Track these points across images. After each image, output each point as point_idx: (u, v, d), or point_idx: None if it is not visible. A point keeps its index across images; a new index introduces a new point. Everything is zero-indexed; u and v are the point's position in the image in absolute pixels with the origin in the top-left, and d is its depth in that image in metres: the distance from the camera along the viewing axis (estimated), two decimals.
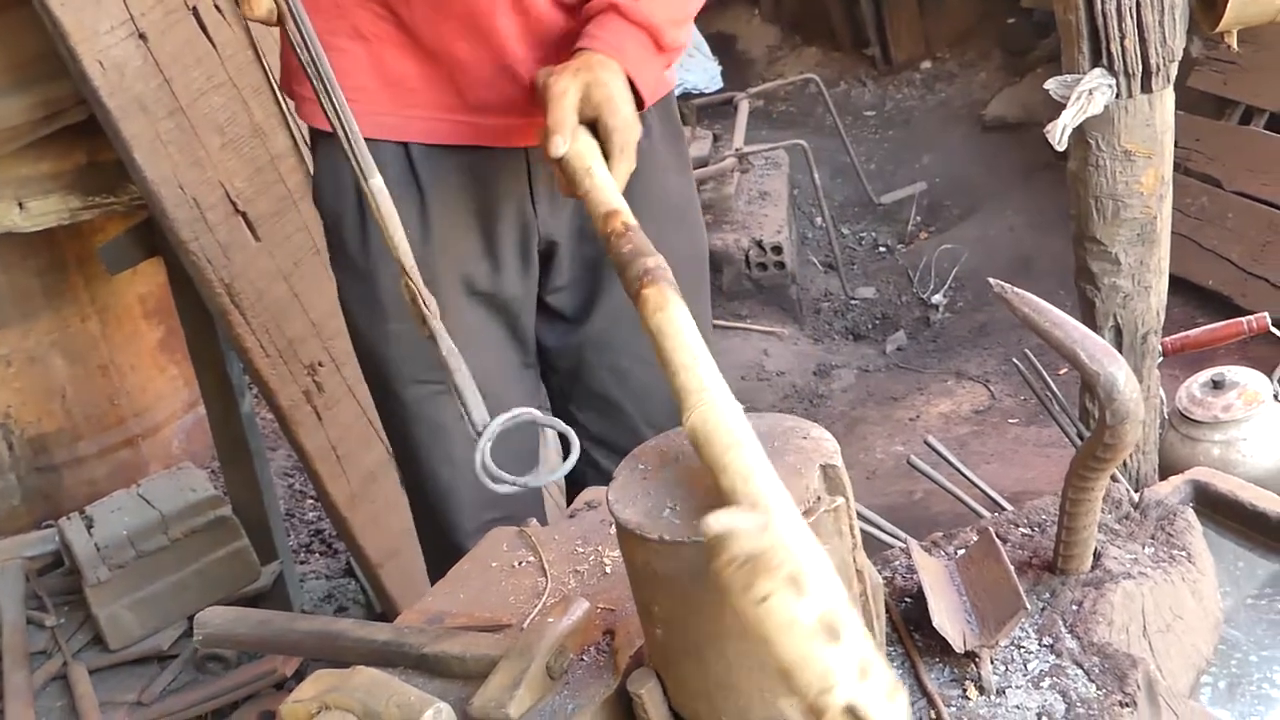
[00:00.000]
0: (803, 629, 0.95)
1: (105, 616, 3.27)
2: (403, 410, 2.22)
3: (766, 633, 0.96)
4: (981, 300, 5.48)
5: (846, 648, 0.97)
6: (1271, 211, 4.63)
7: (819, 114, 7.22)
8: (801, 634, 0.95)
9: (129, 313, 4.10)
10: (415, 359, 2.13)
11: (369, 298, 2.14)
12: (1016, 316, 1.48)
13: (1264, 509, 2.49)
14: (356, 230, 2.10)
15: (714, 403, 1.29)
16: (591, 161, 1.78)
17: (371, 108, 1.99)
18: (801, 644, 0.95)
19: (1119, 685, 1.46)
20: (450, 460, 2.22)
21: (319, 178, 2.16)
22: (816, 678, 0.95)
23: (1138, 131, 2.55)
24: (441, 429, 2.19)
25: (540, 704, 1.44)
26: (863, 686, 0.96)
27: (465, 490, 2.23)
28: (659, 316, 1.43)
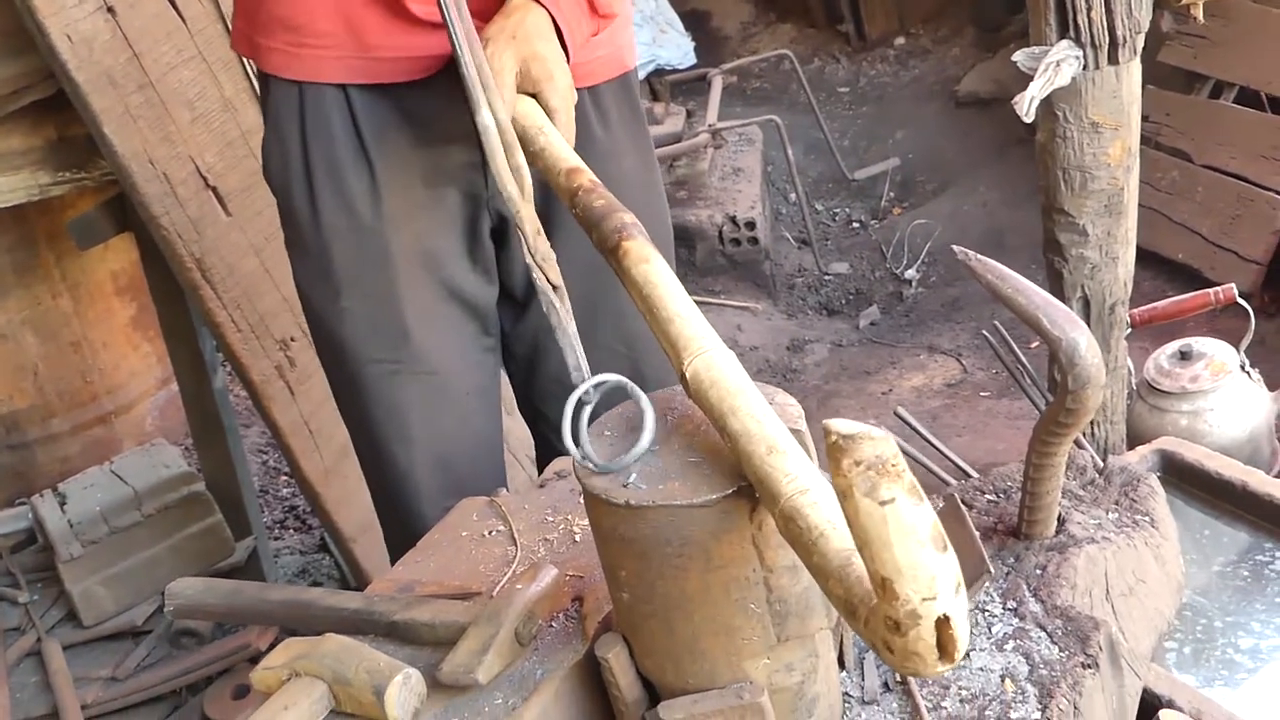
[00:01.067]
0: (919, 536, 0.97)
1: (79, 593, 3.27)
2: (359, 391, 2.16)
3: (887, 535, 0.97)
4: (954, 275, 5.50)
5: (951, 561, 0.99)
6: (1240, 185, 4.66)
7: (793, 90, 7.22)
8: (917, 540, 0.97)
9: (101, 289, 4.08)
10: (371, 337, 2.10)
11: (322, 274, 2.09)
12: (981, 284, 1.50)
13: (1230, 478, 2.51)
14: (306, 203, 2.04)
15: (713, 350, 1.30)
16: (542, 121, 1.78)
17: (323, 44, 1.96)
18: (916, 550, 0.97)
19: (1081, 647, 1.48)
20: (407, 440, 2.18)
21: (267, 149, 2.09)
22: (925, 584, 0.97)
23: (1105, 103, 2.57)
24: (398, 409, 2.15)
25: (509, 669, 1.45)
26: (957, 601, 0.99)
27: (423, 472, 2.20)
28: (644, 268, 1.43)
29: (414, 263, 2.09)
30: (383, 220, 2.04)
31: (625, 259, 1.45)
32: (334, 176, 2.01)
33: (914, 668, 1.02)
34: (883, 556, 0.98)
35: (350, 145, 2.01)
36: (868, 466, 0.98)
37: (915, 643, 0.99)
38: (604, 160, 2.14)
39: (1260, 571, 2.38)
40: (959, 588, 0.99)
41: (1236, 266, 4.52)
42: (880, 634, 1.02)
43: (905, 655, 1.01)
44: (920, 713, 1.42)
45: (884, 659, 1.05)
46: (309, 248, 2.09)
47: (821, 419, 1.85)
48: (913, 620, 0.98)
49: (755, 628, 1.31)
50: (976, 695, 1.44)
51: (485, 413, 2.28)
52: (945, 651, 1.01)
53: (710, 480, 1.25)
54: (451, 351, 2.17)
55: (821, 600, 1.34)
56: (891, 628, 1.00)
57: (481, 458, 2.28)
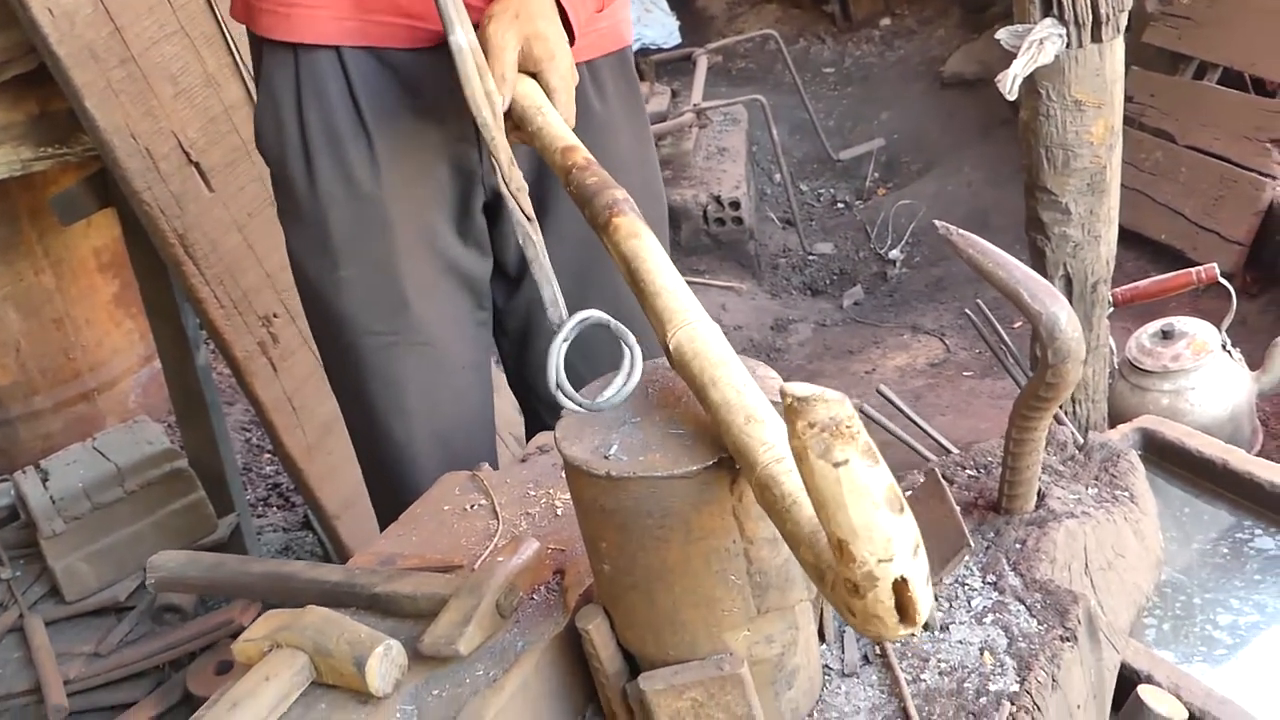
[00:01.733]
0: (873, 497, 0.97)
1: (61, 569, 3.26)
2: (355, 363, 2.14)
3: (841, 496, 0.97)
4: (938, 255, 5.51)
5: (907, 523, 0.99)
6: (1223, 166, 4.67)
7: (778, 71, 7.22)
8: (871, 502, 0.97)
9: (84, 266, 4.07)
10: (369, 308, 2.08)
11: (319, 244, 2.07)
12: (962, 258, 1.50)
13: (1210, 456, 2.53)
14: (302, 171, 2.02)
15: (697, 322, 1.31)
16: (541, 101, 1.77)
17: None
18: (871, 511, 0.97)
19: (1060, 620, 1.48)
20: (404, 413, 2.16)
21: (260, 117, 2.06)
22: (880, 545, 0.97)
23: (1088, 81, 2.57)
24: (396, 381, 2.14)
25: (490, 641, 1.46)
26: (914, 563, 0.99)
27: (421, 445, 2.18)
28: (633, 243, 1.44)
29: (412, 233, 2.07)
30: (382, 189, 2.02)
31: (615, 234, 1.46)
32: (332, 144, 1.99)
33: (875, 631, 1.02)
34: (838, 518, 0.98)
35: (348, 113, 1.99)
36: (822, 428, 0.98)
37: (874, 605, 1.00)
38: (600, 135, 2.13)
39: (1240, 549, 2.39)
40: (917, 549, 1.00)
41: (1219, 247, 4.53)
42: (842, 598, 1.02)
43: (866, 618, 1.02)
44: (900, 685, 1.43)
45: (848, 622, 1.06)
46: (305, 217, 2.06)
47: None
48: (870, 582, 0.99)
49: (735, 599, 1.31)
50: (955, 668, 1.45)
51: (479, 387, 2.27)
52: (906, 614, 1.01)
53: (691, 452, 1.25)
54: (448, 324, 2.16)
55: (802, 573, 1.34)
56: (850, 590, 1.00)
57: (476, 432, 2.27)
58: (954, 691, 1.41)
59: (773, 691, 1.38)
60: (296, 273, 2.16)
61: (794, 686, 1.40)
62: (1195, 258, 4.41)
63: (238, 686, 1.41)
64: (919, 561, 1.00)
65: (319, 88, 1.98)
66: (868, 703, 1.43)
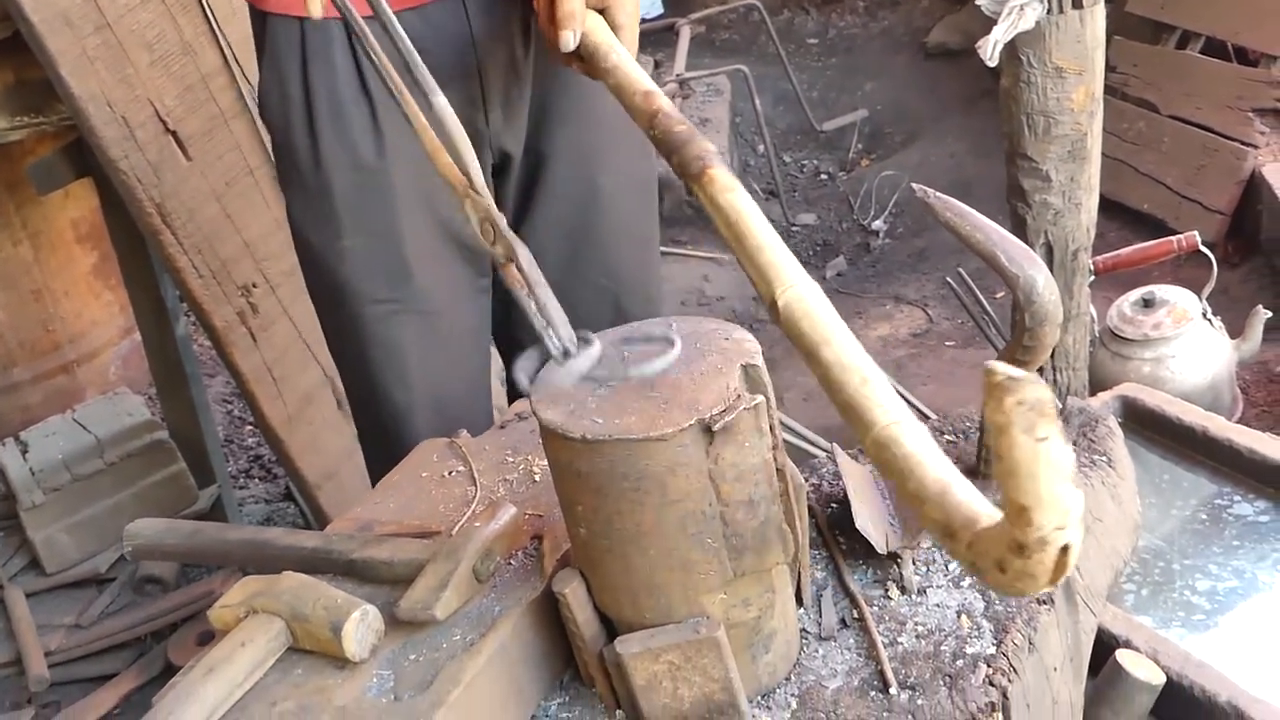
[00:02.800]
0: (1062, 471, 1.03)
1: (41, 540, 3.26)
2: (357, 331, 2.12)
3: (1038, 469, 1.03)
4: (921, 226, 5.51)
5: (1080, 498, 1.05)
6: (1206, 135, 4.67)
7: (762, 41, 7.20)
8: (1061, 475, 1.03)
9: (62, 237, 4.05)
10: (373, 277, 2.07)
11: (322, 213, 2.05)
12: (939, 221, 1.49)
13: (1190, 423, 2.54)
14: (306, 141, 2.00)
15: (804, 283, 1.31)
16: (611, 40, 1.75)
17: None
18: (1058, 484, 1.03)
19: None
20: (405, 383, 2.15)
21: (265, 88, 2.05)
22: (1059, 514, 1.03)
23: (1068, 47, 2.56)
24: (398, 350, 2.13)
25: (467, 606, 1.45)
26: (1078, 533, 1.06)
27: (421, 414, 2.17)
28: (729, 196, 1.42)
29: (415, 202, 2.05)
30: (385, 158, 2.00)
31: (710, 186, 1.44)
32: (335, 113, 1.98)
33: (1023, 587, 1.08)
34: (1027, 487, 1.03)
35: (352, 81, 1.97)
36: (1029, 407, 1.02)
37: (1036, 566, 1.06)
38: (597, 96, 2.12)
39: (1218, 515, 2.41)
40: (1082, 520, 1.06)
41: (1201, 216, 4.54)
42: (994, 555, 1.07)
43: (1019, 575, 1.07)
44: (877, 648, 1.43)
45: (985, 579, 1.11)
46: (309, 186, 2.04)
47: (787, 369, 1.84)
48: (1040, 546, 1.04)
49: (711, 562, 1.31)
50: (933, 631, 1.45)
51: (478, 354, 2.27)
52: (1057, 574, 1.08)
53: (667, 414, 1.25)
54: (449, 292, 2.15)
55: (778, 535, 1.34)
56: (1015, 550, 1.06)
57: (475, 399, 2.27)
58: (931, 654, 1.41)
59: (750, 655, 1.38)
60: (298, 241, 2.13)
61: (771, 650, 1.40)
62: (1177, 227, 4.41)
63: (213, 652, 1.41)
64: (1082, 532, 1.06)
65: (325, 57, 1.96)
66: (845, 666, 1.43)
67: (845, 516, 1.57)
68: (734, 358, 1.31)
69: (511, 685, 1.40)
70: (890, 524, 1.59)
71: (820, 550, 1.62)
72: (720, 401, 1.25)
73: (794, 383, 4.34)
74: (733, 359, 1.31)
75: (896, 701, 1.36)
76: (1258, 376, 3.77)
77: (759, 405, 1.27)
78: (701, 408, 1.24)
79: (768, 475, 1.31)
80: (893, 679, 1.38)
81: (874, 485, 1.67)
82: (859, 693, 1.39)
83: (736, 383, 1.28)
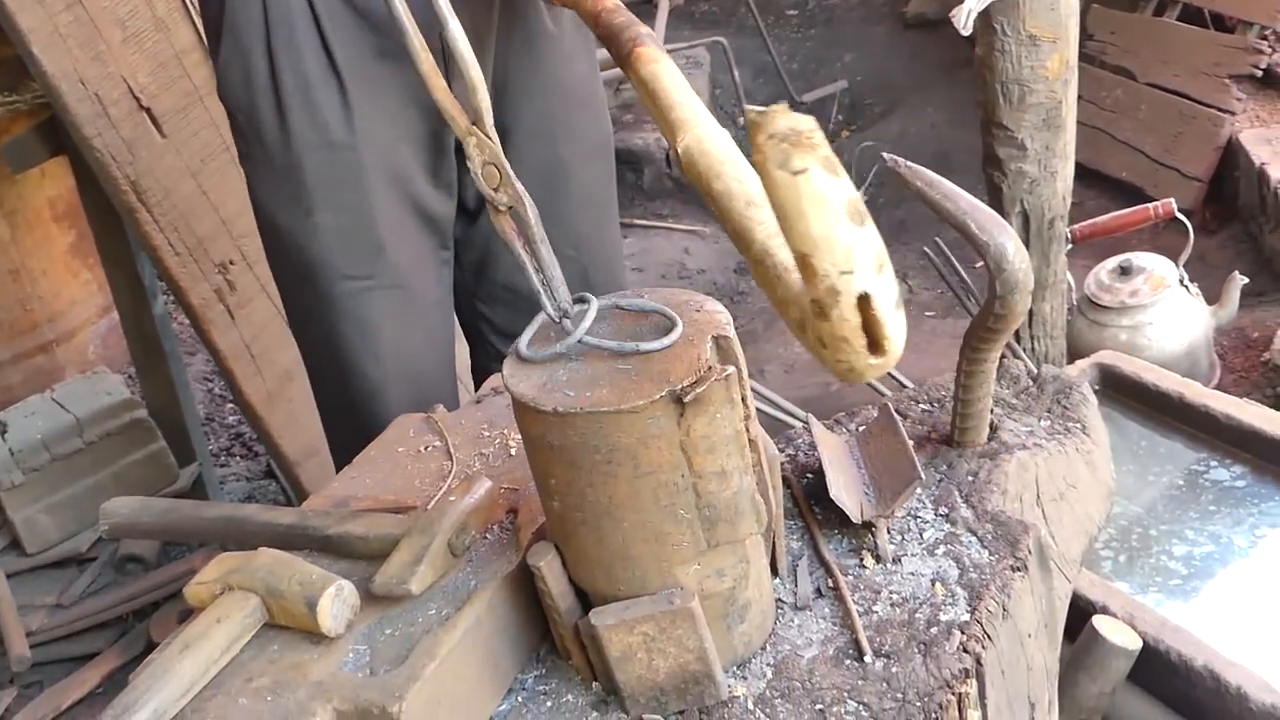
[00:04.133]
0: (834, 206, 0.96)
1: (21, 520, 3.26)
2: (329, 308, 2.12)
3: (800, 204, 0.96)
4: (901, 197, 5.50)
5: (870, 236, 0.98)
6: (1182, 102, 4.68)
7: (741, 13, 7.18)
8: (832, 211, 0.96)
9: (39, 216, 4.03)
10: (345, 252, 2.07)
11: (292, 191, 2.04)
12: (910, 190, 1.50)
13: (1167, 390, 2.55)
14: (274, 119, 2.00)
15: (706, 127, 1.34)
16: None
17: None
18: (832, 220, 0.96)
19: (1011, 550, 1.49)
20: (378, 357, 2.15)
21: (225, 67, 2.03)
22: (841, 257, 0.96)
23: (1042, 15, 2.56)
24: (369, 324, 2.13)
25: (443, 580, 1.45)
26: (879, 280, 0.98)
27: (395, 388, 2.18)
28: (652, 67, 1.46)
29: (384, 177, 2.06)
30: (355, 135, 2.01)
31: (636, 62, 1.49)
32: (304, 92, 1.97)
33: (846, 360, 1.01)
34: (798, 229, 0.97)
35: (318, 58, 1.97)
36: (781, 139, 0.97)
37: (839, 325, 0.98)
38: (555, 61, 2.13)
39: (1195, 481, 2.42)
40: (881, 267, 0.98)
41: (1178, 184, 4.54)
42: (813, 331, 1.00)
43: (834, 345, 1.00)
44: (852, 617, 1.43)
45: (822, 361, 1.04)
46: (277, 165, 2.04)
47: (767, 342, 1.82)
48: (832, 297, 0.97)
49: (685, 533, 1.31)
50: (907, 599, 1.45)
51: (445, 326, 2.30)
52: (875, 342, 1.00)
53: (638, 386, 1.25)
54: (417, 265, 2.15)
55: (751, 506, 1.35)
56: (817, 312, 0.99)
57: (444, 371, 2.29)
58: (905, 622, 1.42)
59: (725, 625, 1.39)
60: (262, 220, 2.13)
61: (746, 620, 1.41)
62: (1155, 194, 4.42)
63: (189, 629, 1.41)
64: (884, 280, 0.98)
65: (289, 34, 1.96)
66: (820, 635, 1.44)
67: (820, 487, 1.58)
68: (705, 329, 1.31)
69: (488, 659, 1.40)
70: (865, 494, 1.60)
71: (796, 520, 1.62)
72: (691, 373, 1.25)
73: (775, 355, 4.35)
74: (704, 330, 1.31)
75: (871, 669, 1.37)
76: (1235, 343, 3.78)
77: (730, 376, 1.27)
78: (673, 379, 1.24)
79: (740, 446, 1.31)
80: (867, 647, 1.39)
81: (849, 455, 1.68)
82: (834, 661, 1.39)
83: (708, 354, 1.28)
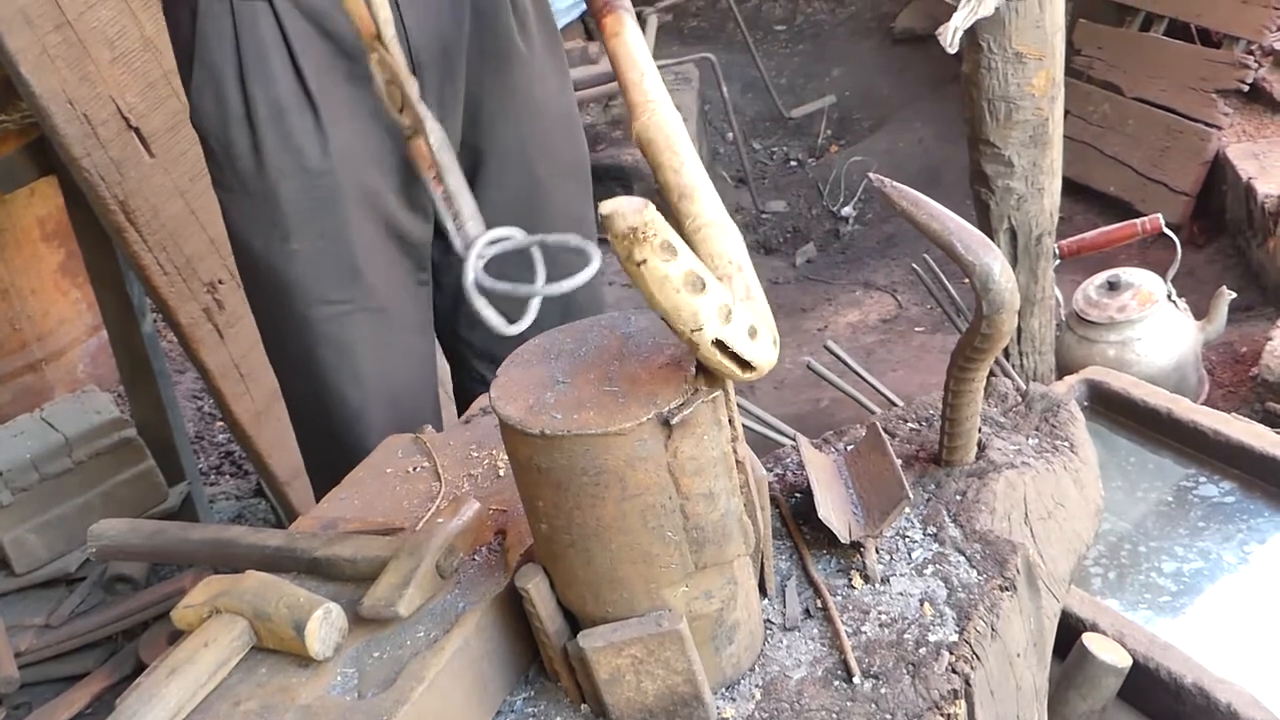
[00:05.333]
0: (673, 284, 1.17)
1: (10, 540, 3.25)
2: (307, 332, 2.12)
3: (648, 287, 1.17)
4: (890, 212, 5.44)
5: (710, 297, 1.19)
6: (1170, 117, 4.69)
7: (730, 29, 7.19)
8: (673, 287, 1.17)
9: (28, 235, 4.03)
10: (323, 278, 2.07)
11: (267, 217, 2.04)
12: (896, 210, 1.50)
13: (1156, 406, 2.55)
14: (247, 145, 1.99)
15: (660, 111, 1.47)
16: None
17: None
18: (673, 295, 1.17)
19: (999, 570, 1.49)
20: (359, 380, 2.15)
21: (197, 93, 2.02)
22: (689, 319, 1.19)
23: (1028, 33, 2.57)
24: (349, 348, 2.13)
25: (431, 603, 1.45)
26: (727, 327, 1.21)
27: (376, 411, 2.17)
28: (614, 42, 1.59)
29: (359, 202, 2.06)
30: (330, 159, 2.01)
31: (605, 32, 1.62)
32: (277, 118, 1.97)
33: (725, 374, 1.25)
34: (655, 304, 1.18)
35: (291, 84, 1.97)
36: (623, 237, 1.15)
37: (710, 362, 1.23)
38: (531, 86, 2.14)
39: (1184, 497, 2.42)
40: (728, 316, 1.21)
41: (1166, 198, 4.55)
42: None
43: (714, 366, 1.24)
44: (840, 638, 1.43)
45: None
46: (252, 191, 2.03)
47: None
48: (693, 347, 1.21)
49: (673, 555, 1.31)
50: (896, 619, 1.45)
51: (425, 348, 2.30)
52: (743, 363, 1.23)
53: (625, 409, 1.25)
54: (396, 288, 2.16)
55: (739, 527, 1.35)
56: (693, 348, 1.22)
57: (423, 392, 2.28)
58: (894, 643, 1.42)
59: (713, 647, 1.39)
60: (238, 245, 2.12)
61: (735, 641, 1.41)
62: (1143, 209, 4.43)
63: (176, 653, 1.40)
64: (733, 324, 1.22)
65: (261, 60, 1.95)
66: (809, 656, 1.44)
67: (809, 506, 1.58)
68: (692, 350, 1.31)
69: (476, 681, 1.40)
70: (853, 514, 1.60)
71: (784, 540, 1.62)
72: (678, 395, 1.25)
73: None
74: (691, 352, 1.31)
75: (860, 690, 1.37)
76: (1223, 357, 3.79)
77: (717, 398, 1.28)
78: (659, 401, 1.25)
79: (727, 467, 1.31)
80: (856, 668, 1.39)
81: (838, 475, 1.68)
82: (823, 682, 1.39)
83: (694, 376, 1.28)
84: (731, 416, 1.32)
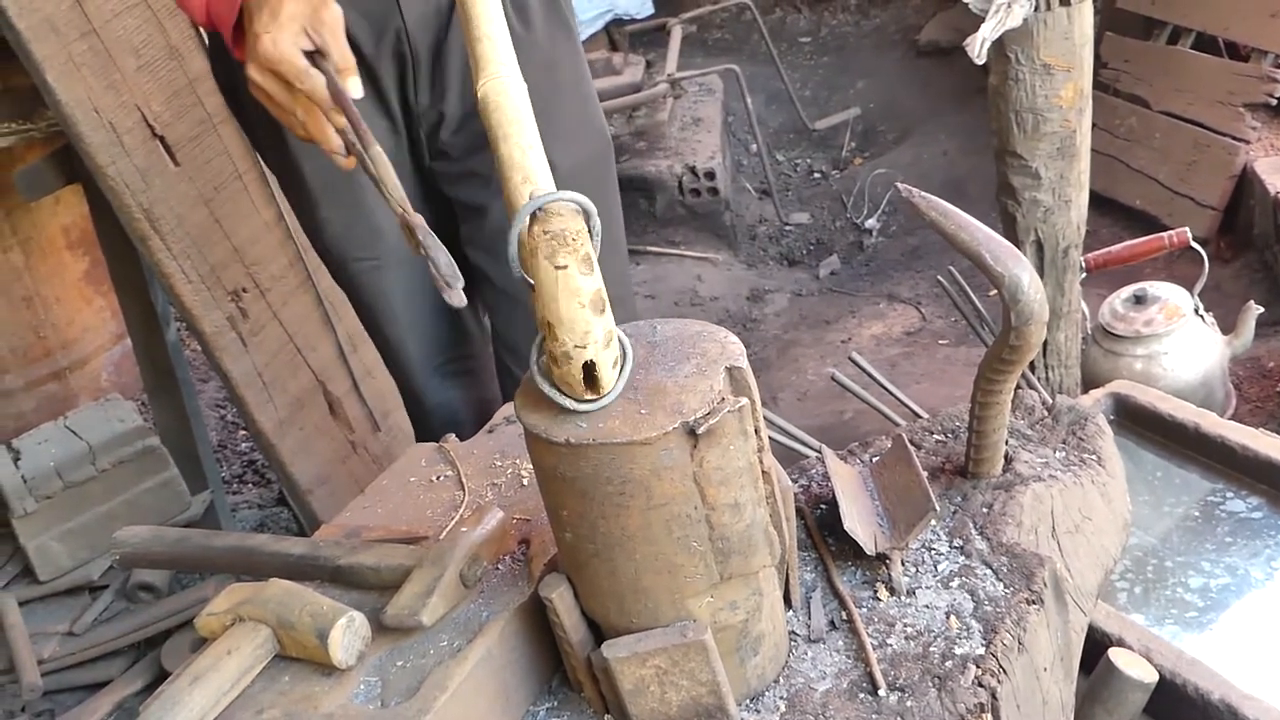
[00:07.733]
0: (581, 299, 1.20)
1: (34, 548, 3.25)
2: (349, 283, 2.41)
3: (556, 291, 1.20)
4: (914, 224, 5.49)
5: (605, 321, 1.23)
6: (1197, 130, 4.66)
7: (754, 41, 7.20)
8: (579, 302, 1.20)
9: (53, 244, 4.04)
10: (348, 239, 2.30)
11: (298, 190, 2.27)
12: (924, 220, 1.49)
13: (1183, 420, 2.53)
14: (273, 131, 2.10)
15: (506, 77, 1.47)
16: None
17: None
18: (577, 309, 1.20)
19: (1026, 583, 1.48)
20: (393, 319, 2.43)
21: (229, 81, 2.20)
22: (580, 335, 1.21)
23: (1056, 44, 2.56)
24: (381, 294, 2.39)
25: (454, 612, 1.45)
26: (604, 352, 1.24)
27: (413, 344, 2.47)
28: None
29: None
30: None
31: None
32: None
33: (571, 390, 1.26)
34: (549, 306, 1.20)
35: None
36: (552, 237, 1.19)
37: (569, 375, 1.24)
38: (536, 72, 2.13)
39: (1211, 512, 2.40)
40: (609, 343, 1.25)
41: (1193, 212, 4.53)
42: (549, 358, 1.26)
43: (563, 381, 1.26)
44: (866, 650, 1.42)
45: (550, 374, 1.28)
46: (284, 167, 2.25)
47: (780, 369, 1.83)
48: (566, 360, 1.22)
49: (698, 565, 1.30)
50: (922, 632, 1.44)
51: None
52: (593, 386, 1.26)
53: (650, 418, 1.24)
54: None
55: (764, 538, 1.34)
56: (552, 360, 1.24)
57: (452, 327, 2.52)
58: (920, 656, 1.41)
59: (738, 658, 1.38)
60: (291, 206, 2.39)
61: (759, 653, 1.40)
62: (1170, 223, 4.40)
63: (200, 661, 1.40)
64: (608, 351, 1.25)
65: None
66: (834, 668, 1.43)
67: (834, 518, 1.57)
68: (718, 360, 1.31)
69: (499, 691, 1.39)
70: (879, 525, 1.59)
71: (809, 552, 1.61)
72: (704, 404, 1.25)
73: (788, 382, 4.34)
74: (717, 361, 1.30)
75: (885, 703, 1.36)
76: (1250, 372, 3.76)
77: (743, 408, 1.27)
78: (686, 411, 1.24)
79: (753, 478, 1.31)
80: (881, 681, 1.38)
81: (863, 486, 1.67)
82: (848, 695, 1.38)
83: (721, 385, 1.27)
84: (757, 426, 1.31)
